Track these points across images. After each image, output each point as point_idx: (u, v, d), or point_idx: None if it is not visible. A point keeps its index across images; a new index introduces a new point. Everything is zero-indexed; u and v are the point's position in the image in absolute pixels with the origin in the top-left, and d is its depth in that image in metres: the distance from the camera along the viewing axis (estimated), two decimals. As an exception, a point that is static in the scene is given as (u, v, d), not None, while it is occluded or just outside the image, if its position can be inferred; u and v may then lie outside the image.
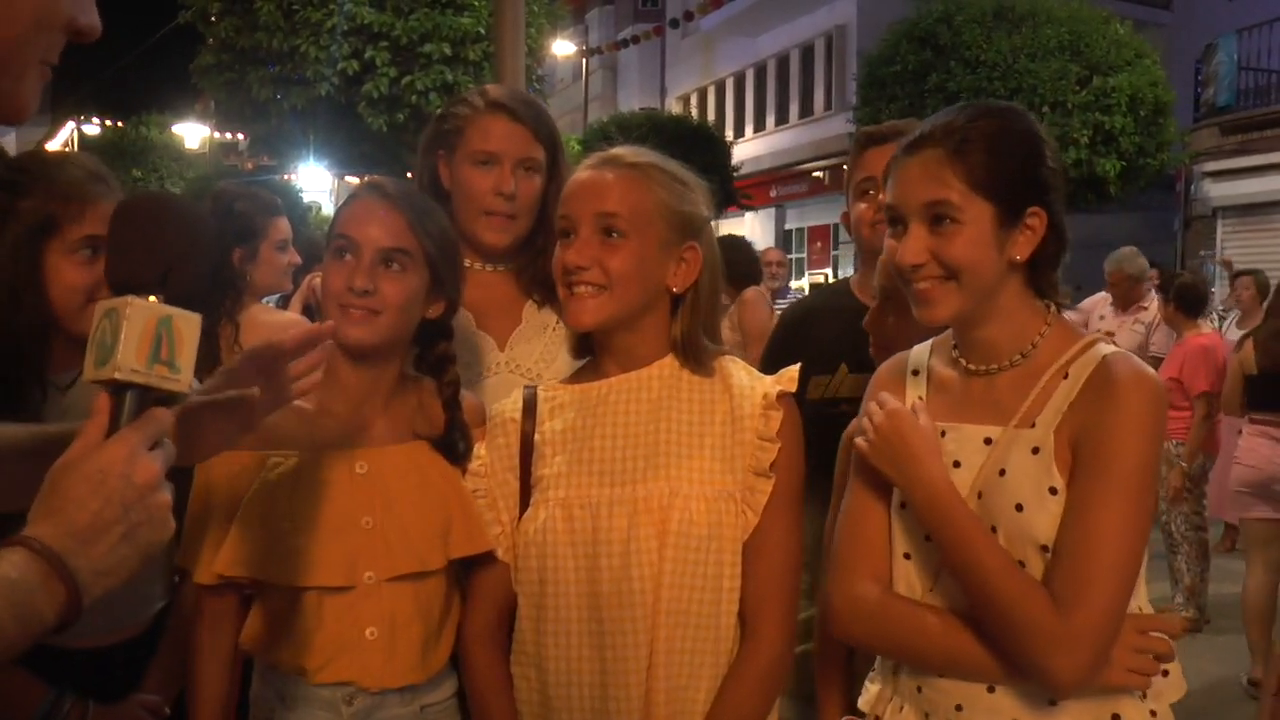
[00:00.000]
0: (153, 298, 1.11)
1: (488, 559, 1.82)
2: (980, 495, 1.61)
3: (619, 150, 1.83)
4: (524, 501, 1.81)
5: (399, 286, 1.80)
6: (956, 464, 1.64)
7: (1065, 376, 1.61)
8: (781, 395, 1.79)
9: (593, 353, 1.87)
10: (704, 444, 1.76)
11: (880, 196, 2.43)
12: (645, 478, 1.73)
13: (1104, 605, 1.49)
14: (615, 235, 1.74)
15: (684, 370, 1.80)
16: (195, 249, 1.17)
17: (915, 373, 1.78)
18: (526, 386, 1.90)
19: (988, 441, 1.63)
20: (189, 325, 1.12)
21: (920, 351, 1.81)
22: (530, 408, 1.84)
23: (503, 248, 2.25)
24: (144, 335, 1.08)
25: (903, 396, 1.74)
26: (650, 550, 1.70)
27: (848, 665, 1.99)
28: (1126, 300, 7.56)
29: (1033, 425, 1.60)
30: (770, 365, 1.97)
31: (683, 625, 1.70)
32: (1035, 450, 1.58)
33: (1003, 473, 1.59)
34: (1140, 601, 1.63)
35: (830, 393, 2.50)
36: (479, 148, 2.23)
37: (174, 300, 1.12)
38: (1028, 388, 1.63)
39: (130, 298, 1.09)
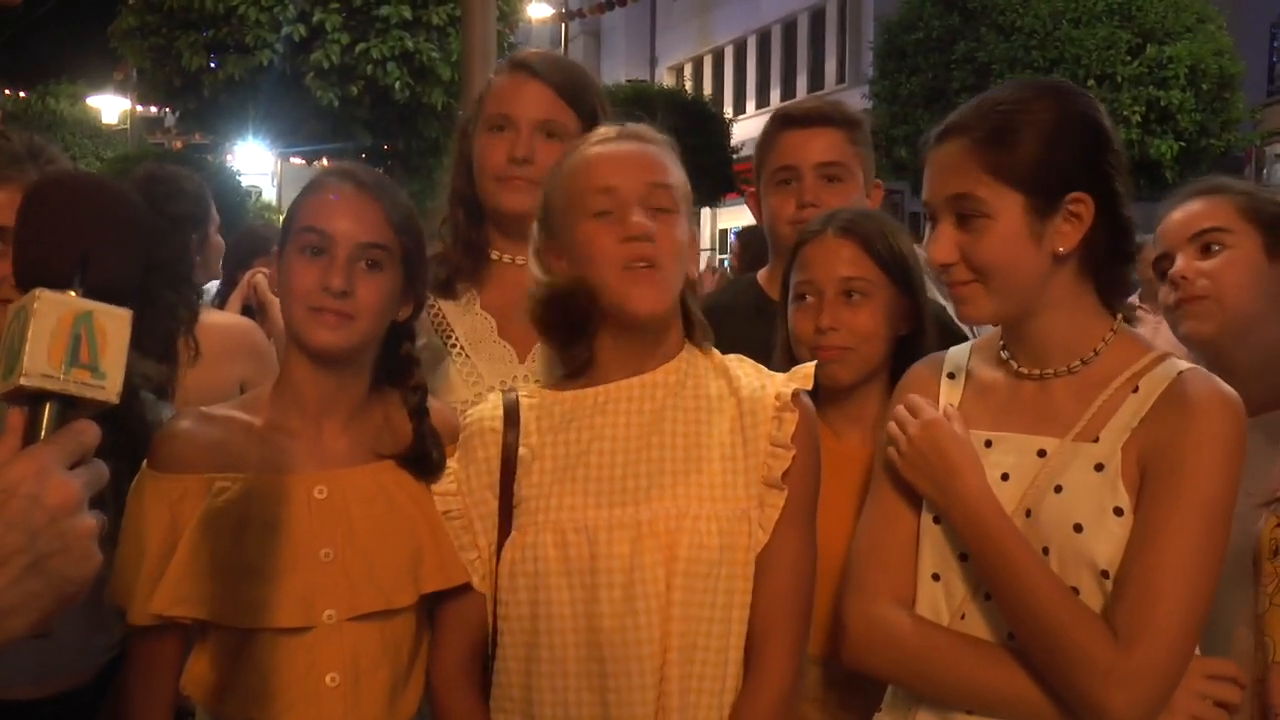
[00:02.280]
0: (71, 292, 1.06)
1: (462, 589, 1.83)
2: (1029, 513, 1.65)
3: (634, 126, 1.87)
4: (504, 525, 1.81)
5: (376, 288, 1.81)
6: (1005, 477, 1.68)
7: (1135, 390, 1.65)
8: (796, 395, 1.80)
9: (583, 353, 1.83)
10: (712, 454, 1.77)
11: (806, 195, 2.47)
12: (650, 497, 1.74)
13: (1171, 640, 1.53)
14: (666, 211, 1.76)
15: (689, 375, 1.81)
16: (119, 232, 1.12)
17: (951, 375, 1.82)
18: (506, 391, 1.90)
19: (1041, 454, 1.67)
20: (115, 322, 1.07)
21: (959, 352, 1.85)
22: (512, 415, 1.84)
23: (525, 213, 2.08)
24: (57, 334, 1.03)
25: (935, 401, 1.78)
26: (657, 580, 1.70)
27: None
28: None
29: (1096, 439, 1.64)
30: None
31: (691, 662, 1.71)
32: (1099, 467, 1.62)
33: (1059, 489, 1.63)
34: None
35: None
36: (493, 110, 2.24)
37: (96, 294, 1.07)
38: (1089, 398, 1.67)
39: (40, 290, 1.04)
